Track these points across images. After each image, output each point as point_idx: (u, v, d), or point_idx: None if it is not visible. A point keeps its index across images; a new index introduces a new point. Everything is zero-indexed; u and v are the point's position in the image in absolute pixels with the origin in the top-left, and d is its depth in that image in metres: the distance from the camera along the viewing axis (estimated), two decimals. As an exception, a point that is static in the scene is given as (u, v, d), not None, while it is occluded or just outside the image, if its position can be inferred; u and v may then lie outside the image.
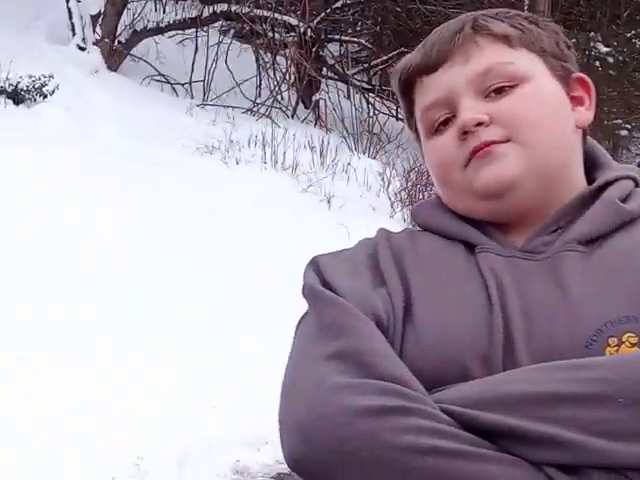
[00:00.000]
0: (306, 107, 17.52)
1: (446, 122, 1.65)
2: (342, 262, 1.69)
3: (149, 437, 6.64)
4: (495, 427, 1.41)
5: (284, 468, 7.12)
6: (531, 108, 1.63)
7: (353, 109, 17.95)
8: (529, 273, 1.58)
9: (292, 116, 16.94)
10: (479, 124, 1.61)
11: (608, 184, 1.66)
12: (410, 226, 1.82)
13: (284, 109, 16.91)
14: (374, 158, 15.66)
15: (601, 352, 1.47)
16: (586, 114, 1.71)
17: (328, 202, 13.06)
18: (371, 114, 17.97)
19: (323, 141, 14.83)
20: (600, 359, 1.45)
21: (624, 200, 1.65)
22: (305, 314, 1.63)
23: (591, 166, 1.72)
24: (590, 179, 1.70)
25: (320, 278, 1.65)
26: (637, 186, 1.70)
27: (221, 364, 7.85)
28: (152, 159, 11.93)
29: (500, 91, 1.63)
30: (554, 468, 1.39)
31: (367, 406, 1.43)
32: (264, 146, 13.81)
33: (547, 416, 1.40)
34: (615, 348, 1.47)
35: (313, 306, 1.61)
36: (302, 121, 16.93)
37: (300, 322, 1.63)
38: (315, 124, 17.01)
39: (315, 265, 1.68)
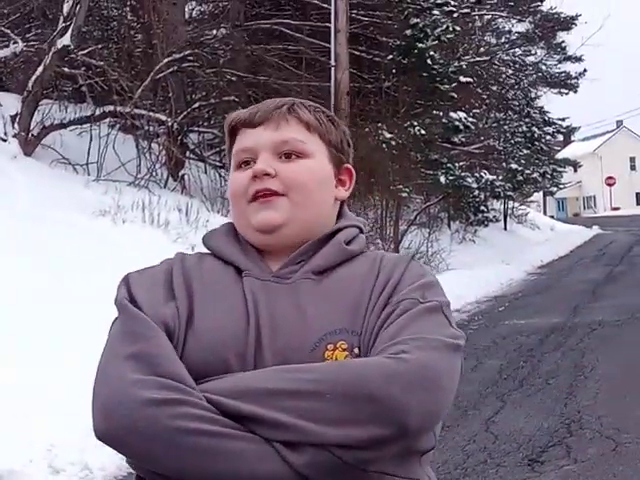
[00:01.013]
0: (174, 180, 17.41)
1: (247, 162, 1.71)
2: (145, 278, 1.71)
3: (58, 428, 6.50)
4: (241, 413, 1.45)
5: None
6: (305, 177, 1.69)
7: (209, 181, 17.95)
8: (277, 294, 1.63)
9: (164, 187, 16.80)
10: (267, 174, 1.66)
11: (339, 230, 1.74)
12: None
13: (158, 182, 16.76)
14: (226, 216, 15.63)
15: (321, 355, 1.55)
16: (344, 193, 1.80)
17: (192, 250, 12.94)
18: (222, 184, 18.00)
19: (188, 204, 14.76)
20: (316, 365, 1.51)
21: (349, 242, 1.73)
22: (115, 319, 1.64)
23: (339, 218, 1.79)
24: None
25: (128, 292, 1.66)
26: (361, 232, 1.79)
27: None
28: (58, 221, 11.71)
29: (289, 156, 1.69)
30: (280, 444, 1.43)
31: (151, 398, 1.47)
32: (143, 209, 13.64)
33: (276, 405, 1.44)
34: (331, 352, 1.55)
35: (120, 316, 1.63)
36: (172, 190, 16.79)
37: (112, 325, 1.65)
38: (182, 192, 16.90)
39: (126, 281, 1.71)
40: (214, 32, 19.17)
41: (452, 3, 22.23)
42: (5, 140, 14.87)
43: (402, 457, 1.50)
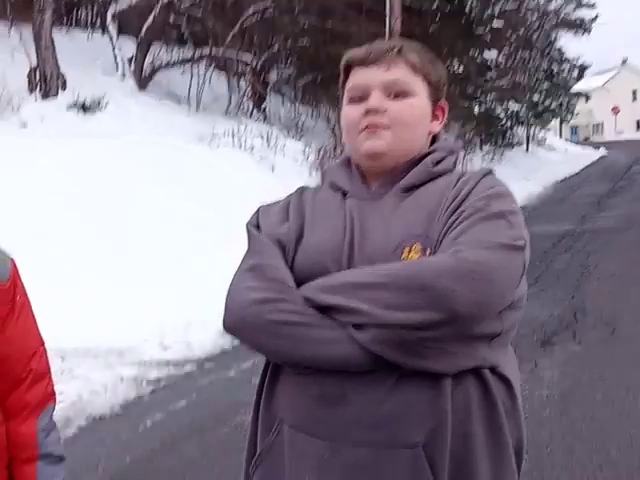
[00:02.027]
0: (258, 111, 17.37)
1: (359, 99, 1.64)
2: (272, 207, 1.73)
3: (168, 316, 6.65)
4: (325, 304, 1.48)
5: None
6: (409, 115, 1.63)
7: (286, 112, 17.85)
8: (370, 210, 1.61)
9: (250, 117, 16.76)
10: (378, 111, 1.61)
11: (429, 154, 1.67)
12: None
13: (245, 113, 16.72)
14: (299, 141, 15.56)
15: (399, 256, 1.52)
16: (438, 126, 1.72)
17: (272, 169, 12.98)
18: (296, 115, 17.88)
19: (268, 132, 14.68)
20: (387, 264, 1.49)
21: (437, 164, 1.66)
22: None
23: (433, 144, 1.72)
24: None
25: (256, 219, 1.71)
26: (453, 153, 1.70)
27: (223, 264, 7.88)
28: (167, 144, 11.77)
29: (397, 95, 1.62)
30: (352, 327, 1.44)
31: (256, 298, 1.52)
32: (233, 136, 13.59)
33: (352, 295, 1.46)
34: (407, 253, 1.52)
35: (247, 237, 1.68)
36: (256, 120, 16.74)
37: None
38: (264, 121, 16.84)
39: (257, 211, 1.73)
40: (291, -14, 18.81)
41: (488, -41, 21.56)
42: (124, 78, 14.97)
43: (465, 338, 1.47)
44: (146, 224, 8.71)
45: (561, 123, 53.35)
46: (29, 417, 1.79)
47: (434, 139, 1.72)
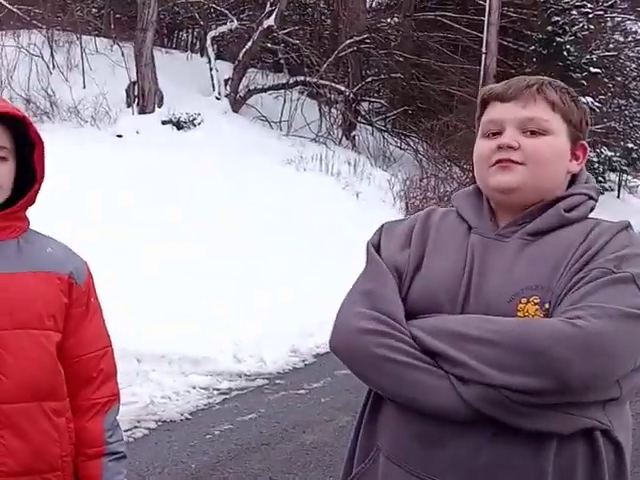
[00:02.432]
0: (347, 139, 17.41)
1: (494, 134, 1.59)
2: (395, 228, 1.69)
3: (242, 330, 6.67)
4: (433, 349, 1.45)
5: (322, 350, 6.82)
6: (545, 152, 1.57)
7: (375, 141, 17.86)
8: (494, 250, 1.56)
9: (339, 144, 16.80)
10: (511, 147, 1.56)
11: (562, 198, 1.59)
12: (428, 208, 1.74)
13: (334, 139, 16.79)
14: (385, 171, 15.53)
15: (515, 306, 1.46)
16: (577, 166, 1.63)
17: (357, 196, 13.00)
18: (385, 145, 17.87)
19: (356, 159, 14.74)
20: (502, 319, 1.44)
21: (571, 209, 1.58)
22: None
23: (572, 185, 1.64)
24: None
25: (378, 238, 1.67)
26: (591, 199, 1.61)
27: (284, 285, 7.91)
28: (257, 165, 11.92)
29: (533, 133, 1.56)
30: (456, 378, 1.41)
31: (364, 327, 1.50)
32: (321, 161, 13.70)
33: (462, 347, 1.42)
34: (524, 305, 1.46)
35: (366, 258, 1.65)
36: (344, 147, 16.77)
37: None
38: (352, 149, 16.87)
39: (380, 229, 1.70)
40: (388, 20, 18.91)
41: (588, 5, 21.31)
42: (219, 99, 15.27)
43: (577, 403, 1.40)
44: (226, 236, 8.81)
45: (655, 173, 51.97)
46: (97, 415, 1.83)
47: (574, 179, 1.64)
